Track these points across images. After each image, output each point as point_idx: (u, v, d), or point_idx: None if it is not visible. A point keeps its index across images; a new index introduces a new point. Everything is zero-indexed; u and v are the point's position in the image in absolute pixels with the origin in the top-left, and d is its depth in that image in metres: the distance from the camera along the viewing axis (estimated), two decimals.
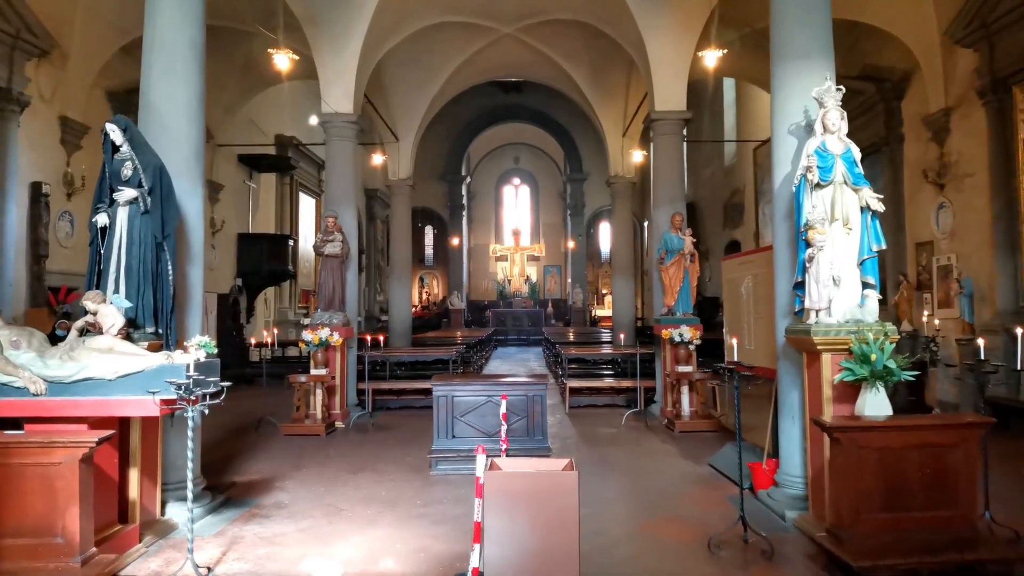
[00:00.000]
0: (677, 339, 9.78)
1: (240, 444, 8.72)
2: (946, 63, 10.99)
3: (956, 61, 10.80)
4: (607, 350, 12.91)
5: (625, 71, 14.70)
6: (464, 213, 34.87)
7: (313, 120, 11.15)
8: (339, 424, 9.86)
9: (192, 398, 4.20)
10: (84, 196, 11.14)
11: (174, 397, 4.23)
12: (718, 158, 23.63)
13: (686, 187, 14.86)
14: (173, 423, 5.38)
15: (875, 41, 12.47)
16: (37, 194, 10.41)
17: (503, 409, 6.70)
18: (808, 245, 5.17)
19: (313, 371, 9.75)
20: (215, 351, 4.95)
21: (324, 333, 9.70)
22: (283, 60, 9.27)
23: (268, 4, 10.84)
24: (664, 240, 10.23)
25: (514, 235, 33.64)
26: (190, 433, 4.32)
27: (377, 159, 16.93)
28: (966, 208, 10.75)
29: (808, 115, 5.66)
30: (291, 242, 17.84)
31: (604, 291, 36.44)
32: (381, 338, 10.09)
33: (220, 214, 16.21)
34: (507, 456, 6.83)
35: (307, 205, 21.39)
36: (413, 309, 36.58)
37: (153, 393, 4.32)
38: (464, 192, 35.02)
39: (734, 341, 5.88)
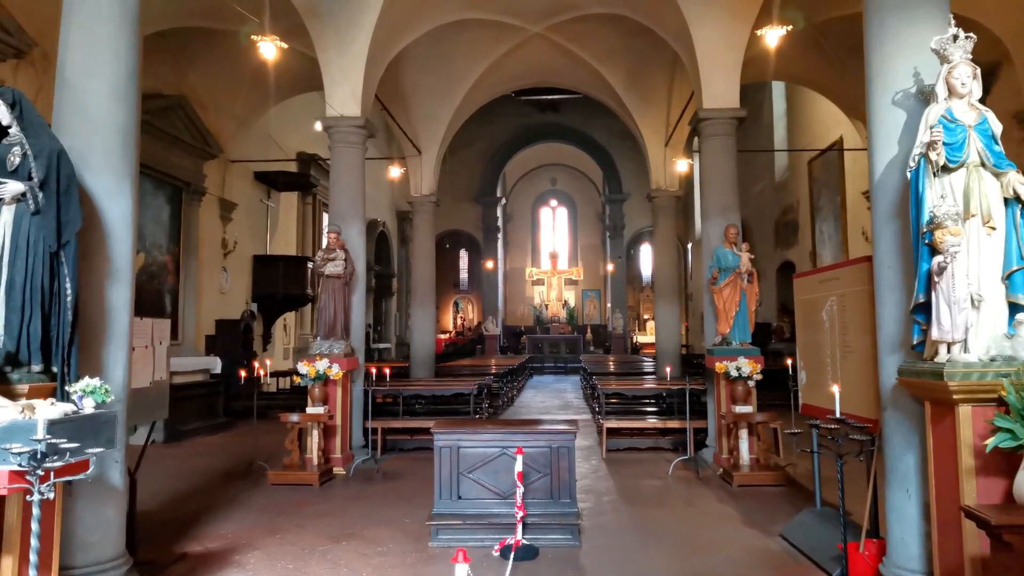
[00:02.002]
0: (734, 374, 8.25)
1: (217, 496, 7.43)
2: None
3: None
4: (650, 384, 11.37)
5: (666, 73, 13.33)
6: (499, 236, 33.66)
7: (317, 126, 9.96)
8: (338, 471, 8.52)
9: (42, 472, 2.88)
10: None
11: (22, 469, 2.92)
12: (768, 174, 22.01)
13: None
14: (72, 489, 4.08)
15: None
16: None
17: (518, 467, 5.29)
18: (934, 252, 3.70)
19: (309, 408, 8.45)
20: (109, 398, 3.66)
21: (322, 365, 8.41)
22: (269, 49, 8.10)
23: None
24: (716, 257, 8.76)
25: (551, 258, 32.29)
26: (35, 527, 2.96)
27: (395, 172, 15.76)
28: None
29: (920, 78, 4.21)
30: (310, 264, 16.74)
31: (646, 316, 34.76)
32: (387, 370, 8.78)
33: (233, 234, 15.19)
34: (525, 524, 5.42)
35: None
36: (447, 335, 35.62)
37: None
38: (499, 214, 33.84)
39: (836, 389, 4.38)
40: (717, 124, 9.36)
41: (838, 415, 4.12)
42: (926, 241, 3.75)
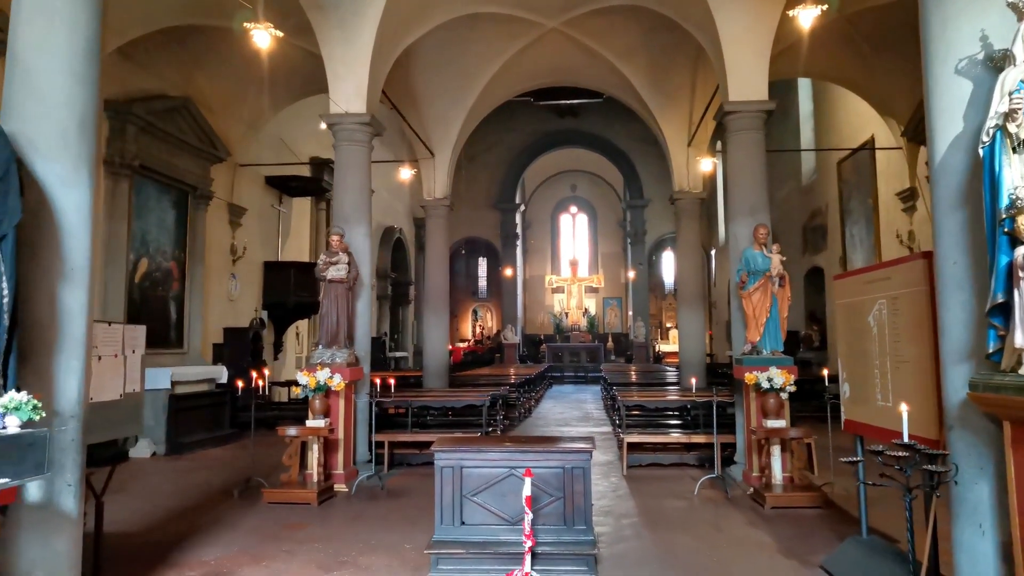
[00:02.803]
0: (765, 385, 7.61)
1: (206, 516, 6.93)
2: None
3: None
4: (674, 395, 10.73)
5: (689, 69, 12.74)
6: (518, 243, 33.15)
7: (322, 125, 9.51)
8: (340, 488, 8.00)
9: None
10: None
11: None
12: (794, 177, 21.28)
13: None
14: (6, 519, 3.57)
15: None
16: None
17: (527, 491, 4.72)
18: (1015, 242, 3.10)
19: (309, 422, 7.94)
20: (39, 415, 3.15)
21: (323, 375, 7.91)
22: (263, 38, 7.62)
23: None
24: (745, 259, 8.14)
25: (571, 266, 31.70)
26: None
27: (405, 173, 15.29)
28: None
29: (988, 43, 3.60)
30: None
31: (668, 325, 34.03)
32: (391, 380, 8.26)
33: (243, 239, 14.79)
34: (534, 554, 4.84)
35: None
36: (466, 343, 35.09)
37: None
38: (518, 221, 33.34)
39: (904, 408, 3.75)
40: (744, 118, 8.76)
41: (906, 439, 3.51)
42: (1005, 230, 3.14)
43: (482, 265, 34.78)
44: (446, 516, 5.19)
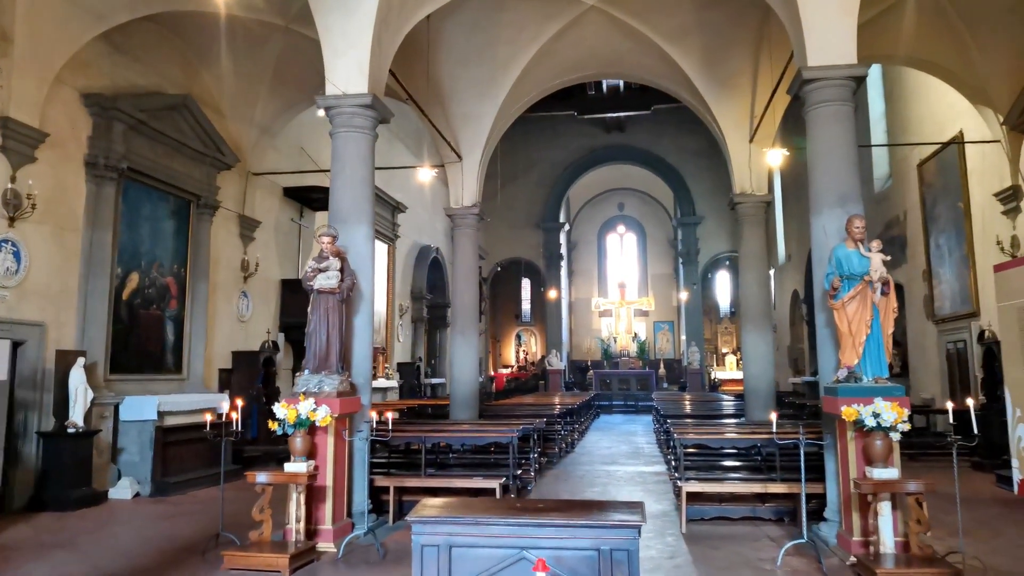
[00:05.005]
0: (870, 422, 5.81)
1: None
2: None
3: None
4: (741, 432, 8.89)
5: (750, 50, 11.07)
6: (563, 264, 31.52)
7: (320, 113, 8.12)
8: (326, 547, 6.43)
9: None
10: (28, 220, 8.55)
11: None
12: (864, 185, 19.05)
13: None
14: None
15: None
16: None
17: None
18: None
19: (289, 465, 6.40)
20: None
21: (305, 407, 6.39)
22: None
23: None
24: (837, 259, 6.38)
25: (619, 288, 29.87)
26: None
27: (425, 175, 13.86)
28: None
29: None
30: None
31: (724, 350, 31.91)
32: (389, 415, 6.71)
33: (255, 255, 13.52)
34: None
35: (378, 251, 18.55)
36: (509, 370, 33.42)
37: None
38: (563, 241, 31.77)
39: None
40: (828, 87, 7.03)
41: None
42: None
43: (525, 288, 33.24)
44: None
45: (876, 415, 5.81)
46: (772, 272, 27.19)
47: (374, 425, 6.70)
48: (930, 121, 15.10)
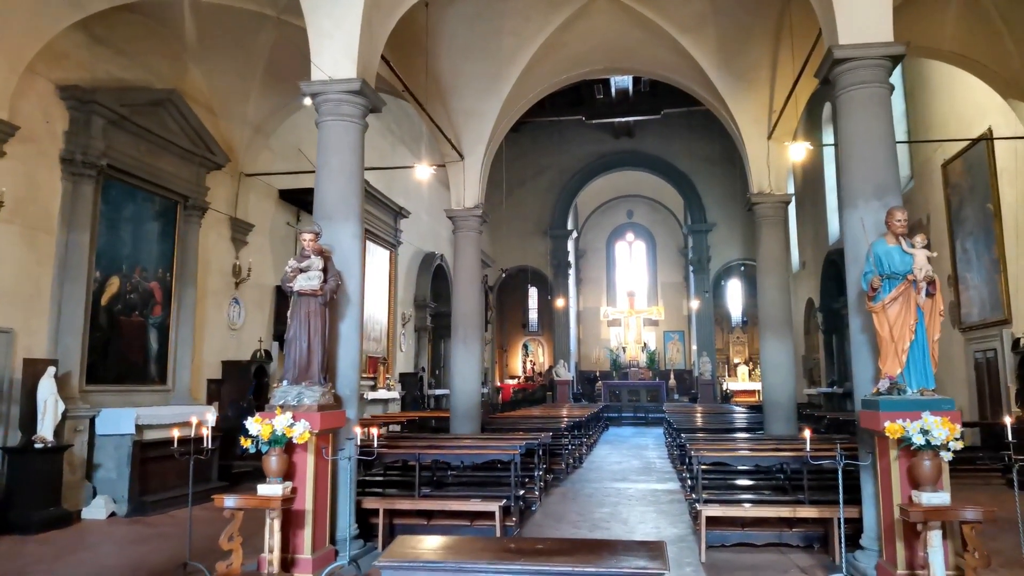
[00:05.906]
0: (918, 440, 5.10)
1: None
2: None
3: None
4: (760, 448, 8.16)
5: (769, 42, 10.42)
6: (571, 272, 30.80)
7: (306, 101, 7.51)
8: None
9: None
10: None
11: None
12: None
13: (838, 225, 9.98)
14: None
15: None
16: None
17: None
18: None
19: (262, 488, 5.74)
20: None
21: (281, 422, 5.73)
22: None
23: None
24: (876, 256, 5.69)
25: (628, 297, 29.10)
26: None
27: (422, 172, 13.25)
28: None
29: None
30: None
31: (736, 360, 31.09)
32: (375, 431, 6.05)
33: (248, 259, 12.92)
34: None
35: (379, 258, 18.04)
36: (515, 380, 32.66)
37: None
38: (571, 249, 31.05)
39: None
40: (863, 68, 6.35)
41: None
42: None
43: (532, 296, 32.52)
44: None
45: (925, 432, 5.09)
46: (790, 280, 26.45)
47: (358, 442, 6.03)
48: (954, 120, 14.41)
